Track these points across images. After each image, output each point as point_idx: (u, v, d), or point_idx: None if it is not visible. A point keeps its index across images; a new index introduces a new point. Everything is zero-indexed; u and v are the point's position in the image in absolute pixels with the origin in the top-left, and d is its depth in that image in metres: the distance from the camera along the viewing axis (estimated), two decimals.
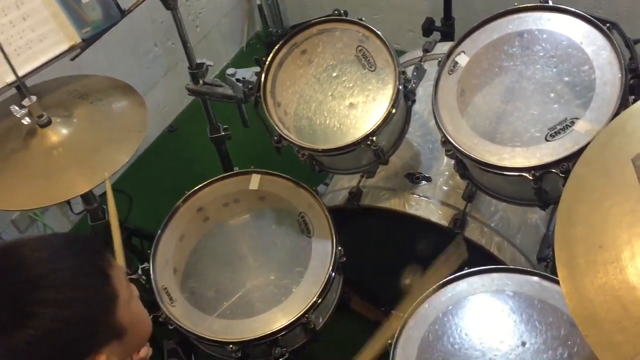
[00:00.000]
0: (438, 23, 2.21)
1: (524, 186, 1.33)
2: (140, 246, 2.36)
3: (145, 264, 1.88)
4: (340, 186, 1.78)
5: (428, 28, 2.14)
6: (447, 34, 2.14)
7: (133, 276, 1.89)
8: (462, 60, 1.45)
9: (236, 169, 2.22)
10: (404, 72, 1.46)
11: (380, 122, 1.41)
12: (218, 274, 1.57)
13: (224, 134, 1.98)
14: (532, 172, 1.27)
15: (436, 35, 2.24)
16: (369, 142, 1.42)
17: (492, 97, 1.39)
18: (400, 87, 1.46)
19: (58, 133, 1.45)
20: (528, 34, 1.41)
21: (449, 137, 1.37)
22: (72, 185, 1.37)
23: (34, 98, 1.40)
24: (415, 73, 1.81)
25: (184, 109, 3.16)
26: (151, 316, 1.92)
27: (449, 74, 1.45)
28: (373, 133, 1.41)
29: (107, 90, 1.56)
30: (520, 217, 1.66)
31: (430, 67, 1.90)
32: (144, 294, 1.90)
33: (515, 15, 1.44)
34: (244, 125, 1.89)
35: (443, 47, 1.96)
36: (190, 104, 3.14)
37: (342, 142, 1.43)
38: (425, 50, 1.96)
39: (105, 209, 1.68)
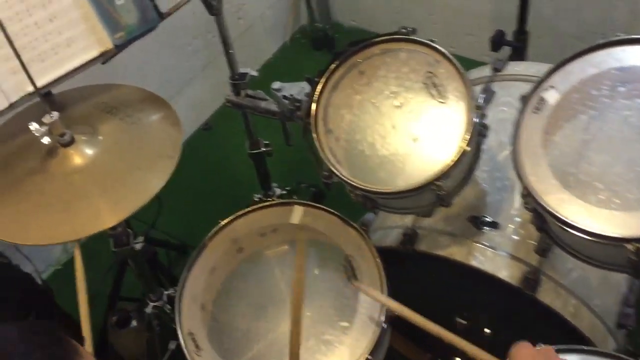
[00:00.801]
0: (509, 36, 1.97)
1: (617, 252, 1.11)
2: (167, 260, 2.21)
3: (171, 290, 1.73)
4: (392, 223, 1.58)
5: (498, 41, 1.90)
6: (519, 50, 1.90)
7: (157, 303, 1.74)
8: (551, 97, 1.23)
9: (274, 186, 2.07)
10: (480, 107, 1.25)
11: (450, 164, 1.21)
12: (249, 316, 1.40)
13: (264, 149, 1.79)
14: (634, 243, 1.06)
15: (506, 50, 2.00)
16: (433, 187, 1.22)
17: (586, 145, 1.17)
18: (476, 121, 1.25)
19: (82, 154, 1.28)
20: (634, 72, 1.18)
21: (532, 191, 1.15)
22: (96, 217, 1.20)
23: (55, 115, 1.23)
24: (483, 95, 1.60)
25: (221, 107, 2.98)
26: (175, 344, 1.79)
27: (534, 113, 1.23)
28: (440, 177, 1.21)
29: (138, 104, 1.39)
30: (600, 274, 1.44)
31: (500, 89, 1.69)
32: (168, 321, 1.76)
33: (619, 48, 1.20)
34: (287, 144, 1.70)
35: (515, 68, 1.74)
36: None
37: (404, 184, 1.24)
38: (495, 70, 1.73)
39: (130, 233, 1.52)
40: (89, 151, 1.29)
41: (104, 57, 1.40)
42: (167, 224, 2.55)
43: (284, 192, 2.04)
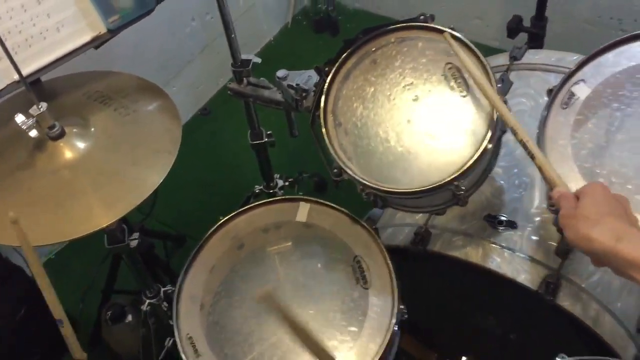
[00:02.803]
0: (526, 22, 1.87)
1: None
2: (164, 252, 2.13)
3: (168, 287, 1.65)
4: (403, 220, 1.50)
5: (515, 28, 1.80)
6: (536, 37, 1.80)
7: (153, 301, 1.66)
8: (582, 91, 1.14)
9: (276, 177, 1.98)
10: (505, 102, 1.16)
11: (470, 163, 1.12)
12: (251, 317, 1.32)
13: (267, 140, 1.70)
14: None
15: (522, 37, 1.90)
16: (452, 187, 1.14)
17: (620, 145, 1.09)
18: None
19: (72, 148, 1.18)
20: None
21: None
22: (88, 217, 1.11)
23: (43, 106, 1.13)
24: (499, 85, 1.50)
25: (220, 90, 2.88)
26: (170, 340, 1.72)
27: (562, 108, 1.15)
28: (459, 177, 1.13)
29: (134, 94, 1.29)
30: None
31: (519, 80, 1.60)
32: (165, 318, 1.68)
33: None
34: (292, 135, 1.61)
35: (535, 57, 1.65)
36: (226, 85, 2.87)
37: (418, 184, 1.15)
38: (513, 58, 1.64)
39: (125, 229, 1.43)
40: (81, 145, 1.19)
41: (97, 42, 1.30)
42: (163, 213, 2.46)
43: (286, 183, 1.94)
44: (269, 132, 1.71)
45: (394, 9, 2.99)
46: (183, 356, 1.27)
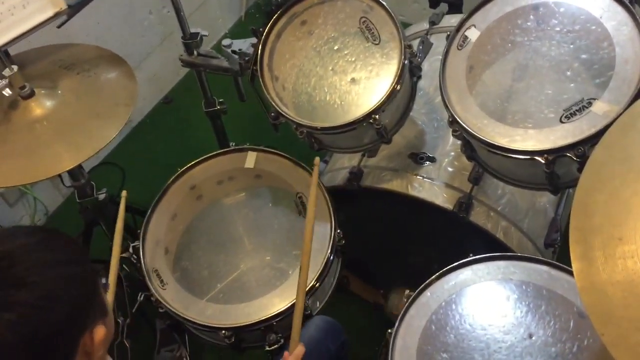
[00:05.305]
0: None
1: (535, 170, 1.25)
2: (133, 223, 2.30)
3: (137, 242, 1.82)
4: (340, 165, 1.70)
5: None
6: (455, 6, 2.03)
7: (124, 254, 1.82)
8: (473, 34, 1.36)
9: (232, 145, 2.16)
10: (409, 46, 1.37)
11: (383, 99, 1.33)
12: (212, 255, 1.50)
13: (219, 108, 1.89)
14: (545, 155, 1.19)
15: (443, 7, 2.12)
16: (371, 121, 1.34)
17: (503, 74, 1.30)
18: (406, 62, 1.37)
19: (42, 105, 1.36)
20: (544, 7, 1.31)
21: (456, 117, 1.29)
22: (57, 161, 1.29)
23: (15, 68, 1.31)
24: (420, 47, 1.72)
25: (180, 80, 3.05)
26: (142, 295, 1.88)
27: (458, 49, 1.36)
28: (376, 111, 1.33)
29: (94, 60, 1.47)
30: (528, 200, 1.58)
31: (437, 41, 1.82)
32: (135, 272, 1.84)
33: None
34: (241, 99, 1.81)
35: (451, 20, 1.87)
36: (186, 75, 3.04)
37: (343, 120, 1.35)
38: (432, 23, 1.86)
39: (94, 185, 1.61)
40: (49, 103, 1.37)
41: (59, 17, 1.48)
42: (130, 195, 2.62)
43: None
44: (220, 100, 1.90)
45: None
46: (150, 286, 1.45)
